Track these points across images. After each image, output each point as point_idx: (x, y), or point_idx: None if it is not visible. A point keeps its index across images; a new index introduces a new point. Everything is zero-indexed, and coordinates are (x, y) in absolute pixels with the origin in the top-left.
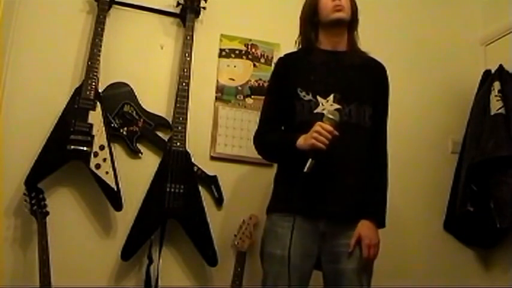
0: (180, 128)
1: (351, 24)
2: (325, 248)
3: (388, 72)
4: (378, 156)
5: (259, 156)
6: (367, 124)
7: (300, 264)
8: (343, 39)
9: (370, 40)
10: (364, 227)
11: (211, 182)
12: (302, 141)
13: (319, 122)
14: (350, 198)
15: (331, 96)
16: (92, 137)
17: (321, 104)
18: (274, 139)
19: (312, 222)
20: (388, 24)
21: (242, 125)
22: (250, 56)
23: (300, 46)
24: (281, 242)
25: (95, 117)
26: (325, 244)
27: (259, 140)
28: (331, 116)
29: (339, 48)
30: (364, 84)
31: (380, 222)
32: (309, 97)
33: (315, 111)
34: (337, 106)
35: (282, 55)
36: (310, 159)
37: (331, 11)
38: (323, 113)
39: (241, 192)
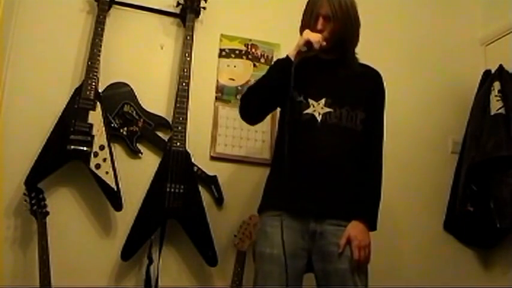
0: (180, 128)
1: (340, 43)
2: (315, 247)
3: (387, 73)
4: (371, 158)
5: (259, 156)
6: (359, 127)
7: (290, 263)
8: (334, 53)
9: (370, 40)
10: (353, 228)
11: (211, 182)
12: (292, 50)
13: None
14: (338, 198)
15: (323, 100)
16: (92, 137)
17: (311, 106)
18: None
19: (301, 221)
20: (388, 25)
21: (242, 125)
22: (250, 56)
23: None
24: (270, 241)
25: (95, 117)
26: (315, 243)
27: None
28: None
29: (334, 57)
30: (357, 90)
31: (371, 224)
32: (301, 98)
33: (305, 111)
34: (328, 110)
35: None
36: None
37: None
38: (312, 114)
39: (241, 192)
